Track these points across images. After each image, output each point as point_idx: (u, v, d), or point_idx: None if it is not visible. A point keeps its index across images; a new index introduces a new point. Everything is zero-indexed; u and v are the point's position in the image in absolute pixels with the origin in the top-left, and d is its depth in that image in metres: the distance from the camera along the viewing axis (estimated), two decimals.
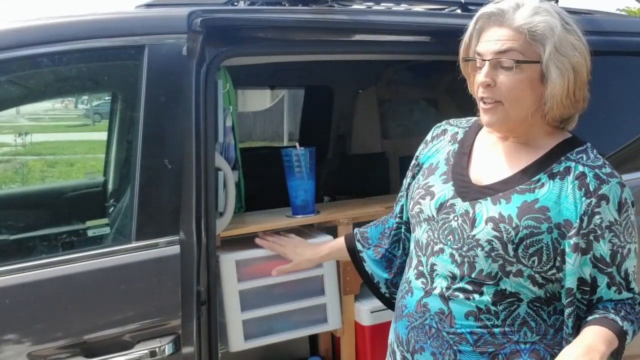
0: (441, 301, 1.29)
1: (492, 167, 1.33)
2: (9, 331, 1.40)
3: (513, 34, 1.22)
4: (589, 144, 1.32)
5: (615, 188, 1.23)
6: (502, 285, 1.24)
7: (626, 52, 2.15)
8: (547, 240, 1.21)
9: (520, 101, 1.24)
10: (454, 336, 1.27)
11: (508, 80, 1.22)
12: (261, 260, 1.76)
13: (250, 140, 5.94)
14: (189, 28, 1.59)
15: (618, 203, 1.22)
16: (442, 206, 1.32)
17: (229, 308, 1.72)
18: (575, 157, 1.27)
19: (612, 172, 1.26)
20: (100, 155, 2.76)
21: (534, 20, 1.21)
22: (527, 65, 1.22)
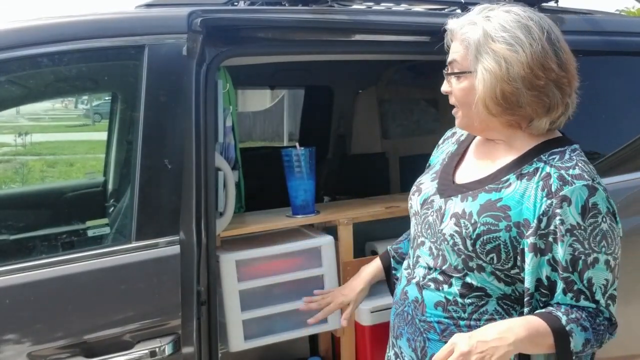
0: (417, 289, 1.35)
1: (474, 167, 1.38)
2: (9, 331, 1.40)
3: (457, 46, 1.30)
4: (575, 146, 1.29)
5: (580, 191, 1.19)
6: (469, 279, 1.27)
7: (626, 52, 2.15)
8: (504, 238, 1.22)
9: (470, 107, 1.29)
10: (424, 324, 1.33)
11: (455, 88, 1.32)
12: (261, 260, 1.76)
13: (250, 140, 5.95)
14: (189, 28, 1.59)
15: (582, 207, 1.18)
16: (425, 202, 1.39)
17: (229, 308, 1.71)
18: (547, 159, 1.26)
19: (582, 174, 1.21)
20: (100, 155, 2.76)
21: (465, 30, 1.28)
22: (466, 74, 1.28)
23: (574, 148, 1.29)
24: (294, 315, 1.79)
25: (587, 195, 1.19)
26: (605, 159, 1.98)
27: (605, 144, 2.05)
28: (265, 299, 1.76)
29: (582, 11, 2.36)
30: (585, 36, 2.08)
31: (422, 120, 3.37)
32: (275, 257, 1.76)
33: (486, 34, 1.24)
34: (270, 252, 1.77)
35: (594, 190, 1.20)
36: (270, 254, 1.76)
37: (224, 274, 1.70)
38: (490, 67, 1.23)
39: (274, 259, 1.75)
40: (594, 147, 2.05)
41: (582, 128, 2.06)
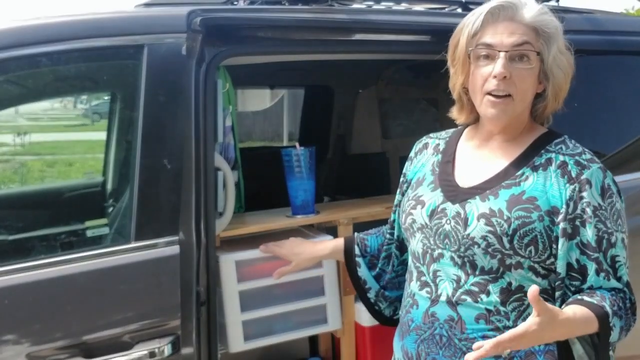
0: (449, 307, 1.27)
1: (477, 169, 1.35)
2: (8, 331, 1.40)
3: (525, 29, 1.26)
4: (566, 136, 1.35)
5: (597, 173, 1.25)
6: (507, 279, 1.25)
7: (627, 52, 2.15)
8: (540, 228, 1.23)
9: (527, 95, 1.29)
10: (466, 342, 1.25)
11: (523, 73, 1.26)
12: (261, 260, 1.75)
13: (250, 140, 5.94)
14: (188, 27, 1.58)
15: (601, 188, 1.24)
16: (434, 212, 1.33)
17: (228, 308, 1.71)
18: (555, 149, 1.30)
19: (592, 157, 1.28)
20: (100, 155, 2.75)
21: (544, 18, 1.27)
22: (538, 59, 1.27)
23: (568, 138, 1.35)
24: (294, 316, 1.78)
25: (602, 177, 1.25)
26: (607, 159, 1.97)
27: (606, 143, 2.04)
28: (265, 299, 1.76)
29: (583, 10, 2.36)
30: (586, 35, 2.07)
31: (423, 120, 3.36)
32: (275, 257, 1.75)
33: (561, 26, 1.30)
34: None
35: (605, 171, 1.27)
36: (270, 255, 1.76)
37: (224, 274, 1.70)
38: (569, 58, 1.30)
39: (274, 260, 1.74)
40: (595, 146, 2.04)
41: (583, 128, 2.07)
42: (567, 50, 1.30)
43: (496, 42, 1.26)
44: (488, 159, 1.35)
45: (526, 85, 1.27)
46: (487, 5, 1.29)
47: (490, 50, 1.26)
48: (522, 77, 1.25)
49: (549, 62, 1.27)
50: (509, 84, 1.25)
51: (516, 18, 1.26)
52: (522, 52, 1.25)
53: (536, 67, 1.27)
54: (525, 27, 1.26)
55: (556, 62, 1.27)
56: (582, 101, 2.03)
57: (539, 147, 1.31)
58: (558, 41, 1.27)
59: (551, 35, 1.26)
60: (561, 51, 1.29)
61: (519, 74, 1.25)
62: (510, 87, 1.25)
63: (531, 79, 1.27)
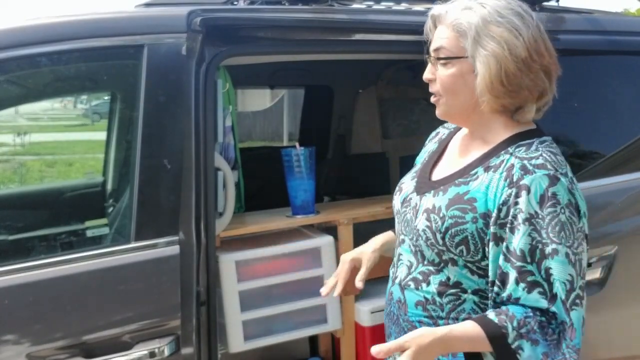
0: (399, 290, 1.37)
1: (448, 163, 1.40)
2: (8, 331, 1.40)
3: (445, 31, 1.29)
4: (544, 138, 1.29)
5: (540, 180, 1.18)
6: (446, 273, 1.28)
7: (627, 52, 2.15)
8: (471, 229, 1.23)
9: (457, 94, 1.29)
10: (407, 324, 1.34)
11: (442, 76, 1.30)
12: (261, 260, 1.75)
13: (250, 140, 5.94)
14: (188, 27, 1.58)
15: (541, 196, 1.17)
16: (405, 201, 1.40)
17: (228, 308, 1.71)
18: (513, 150, 1.27)
19: (545, 164, 1.20)
20: (100, 155, 2.75)
21: (459, 16, 1.27)
22: (457, 60, 1.27)
23: (542, 140, 1.29)
24: (294, 316, 1.79)
25: (547, 185, 1.18)
26: (606, 159, 1.98)
27: (606, 143, 2.04)
28: (265, 299, 1.76)
29: (583, 10, 2.36)
30: (585, 36, 2.08)
31: (423, 120, 3.36)
32: (275, 257, 1.75)
33: (484, 19, 1.25)
34: (270, 252, 1.77)
35: (555, 180, 1.18)
36: (270, 255, 1.76)
37: (224, 274, 1.70)
38: (493, 50, 1.24)
39: (274, 260, 1.74)
40: (595, 146, 2.05)
41: (583, 127, 2.07)
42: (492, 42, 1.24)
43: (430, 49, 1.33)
44: (460, 153, 1.39)
45: (450, 85, 1.29)
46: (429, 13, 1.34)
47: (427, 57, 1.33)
48: (441, 79, 1.30)
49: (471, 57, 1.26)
50: (435, 86, 1.32)
51: (444, 22, 1.29)
52: (437, 55, 1.29)
53: (457, 65, 1.27)
54: (445, 29, 1.29)
55: (477, 55, 1.24)
56: (581, 101, 2.04)
57: (501, 147, 1.29)
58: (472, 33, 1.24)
59: (466, 32, 1.25)
60: (480, 43, 1.24)
61: (438, 77, 1.31)
62: (435, 88, 1.33)
63: (453, 79, 1.28)
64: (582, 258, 1.19)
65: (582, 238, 1.20)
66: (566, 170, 1.23)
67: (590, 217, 1.89)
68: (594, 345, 1.90)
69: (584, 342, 1.89)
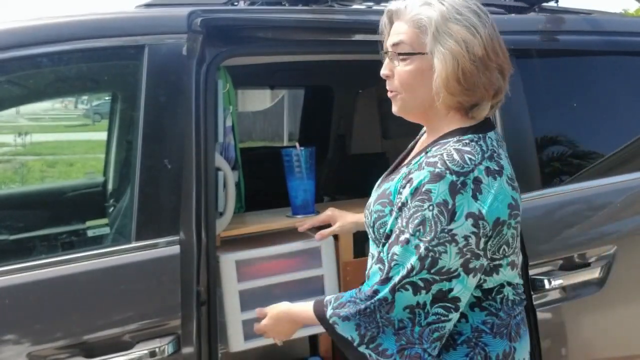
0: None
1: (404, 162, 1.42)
2: (8, 331, 1.40)
3: (404, 27, 1.28)
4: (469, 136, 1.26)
5: (423, 175, 1.20)
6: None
7: (625, 52, 2.15)
8: (391, 221, 1.26)
9: (415, 90, 1.28)
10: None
11: (400, 72, 1.29)
12: (261, 260, 1.76)
13: (250, 140, 5.94)
14: (189, 28, 1.59)
15: (415, 188, 1.20)
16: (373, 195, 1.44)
17: (229, 308, 1.71)
18: (429, 149, 1.29)
19: (437, 162, 1.20)
20: (100, 155, 2.75)
21: (419, 11, 1.26)
22: (417, 56, 1.26)
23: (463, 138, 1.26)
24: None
25: (424, 180, 1.19)
26: (606, 159, 1.98)
27: (605, 143, 2.04)
28: (266, 299, 1.76)
29: (581, 11, 2.36)
30: (585, 36, 2.08)
31: None
32: (275, 257, 1.75)
33: (443, 16, 1.24)
34: (270, 252, 1.77)
35: (437, 177, 1.19)
36: (270, 254, 1.76)
37: (224, 274, 1.70)
38: (451, 47, 1.23)
39: (274, 259, 1.75)
40: (594, 147, 2.05)
41: (583, 128, 2.07)
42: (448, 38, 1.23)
43: (386, 45, 1.32)
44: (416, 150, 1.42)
45: (407, 82, 1.28)
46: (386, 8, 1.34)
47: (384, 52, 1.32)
48: (399, 75, 1.28)
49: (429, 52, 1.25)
50: (391, 82, 1.31)
51: (403, 18, 1.29)
52: (396, 51, 1.28)
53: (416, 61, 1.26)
54: (404, 24, 1.28)
55: (434, 50, 1.24)
56: (581, 102, 2.04)
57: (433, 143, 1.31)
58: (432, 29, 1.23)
59: (426, 27, 1.24)
60: (438, 40, 1.23)
61: (397, 73, 1.29)
62: (392, 84, 1.31)
63: (410, 75, 1.27)
64: (437, 256, 1.18)
65: (447, 240, 1.18)
66: (468, 170, 1.19)
67: (590, 217, 1.91)
68: (594, 344, 1.91)
69: (583, 342, 1.89)
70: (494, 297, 1.32)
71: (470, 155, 1.22)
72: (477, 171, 1.20)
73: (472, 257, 1.20)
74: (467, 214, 1.18)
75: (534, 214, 1.79)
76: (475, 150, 1.23)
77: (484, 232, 1.19)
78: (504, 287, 1.33)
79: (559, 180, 1.92)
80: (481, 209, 1.18)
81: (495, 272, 1.29)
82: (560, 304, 1.78)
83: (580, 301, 1.82)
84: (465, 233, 1.18)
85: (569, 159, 2.00)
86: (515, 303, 1.36)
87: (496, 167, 1.23)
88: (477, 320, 1.30)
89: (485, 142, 1.27)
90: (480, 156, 1.22)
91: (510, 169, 1.28)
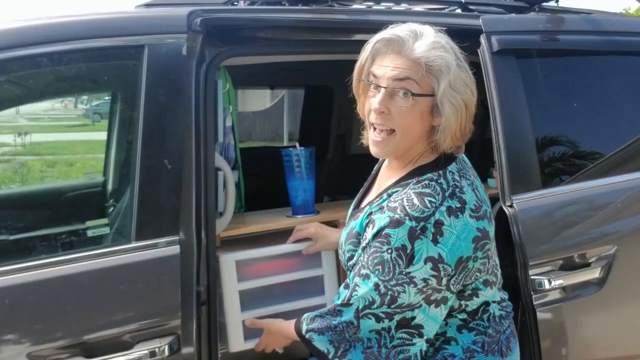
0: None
1: (371, 192, 1.45)
2: (8, 331, 1.40)
3: (411, 64, 1.22)
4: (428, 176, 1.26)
5: (384, 220, 1.23)
6: None
7: (626, 52, 2.15)
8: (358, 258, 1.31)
9: (412, 131, 1.25)
10: None
11: (403, 109, 1.23)
12: (261, 260, 1.75)
13: (250, 140, 5.94)
14: (188, 28, 1.59)
15: (377, 231, 1.23)
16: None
17: (229, 308, 1.71)
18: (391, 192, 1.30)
19: (396, 208, 1.22)
20: (100, 155, 2.75)
21: (431, 54, 1.21)
22: (422, 97, 1.22)
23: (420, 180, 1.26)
24: (294, 315, 1.78)
25: (385, 225, 1.22)
26: (606, 159, 1.98)
27: (605, 144, 2.04)
28: (266, 299, 1.76)
29: (582, 11, 2.36)
30: (585, 36, 2.08)
31: None
32: (275, 257, 1.75)
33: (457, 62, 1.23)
34: (270, 252, 1.77)
35: (396, 224, 1.20)
36: (270, 254, 1.76)
37: (224, 274, 1.70)
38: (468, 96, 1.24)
39: (274, 259, 1.75)
40: (594, 147, 2.05)
41: (583, 128, 2.07)
42: (463, 87, 1.23)
43: (380, 74, 1.25)
44: (379, 183, 1.42)
45: (408, 121, 1.23)
46: (376, 37, 1.27)
47: (376, 82, 1.25)
48: (402, 113, 1.23)
49: (439, 97, 1.21)
50: (388, 118, 1.24)
51: (403, 52, 1.22)
52: (404, 87, 1.22)
53: (421, 102, 1.22)
54: (411, 62, 1.21)
55: (447, 97, 1.21)
56: (581, 102, 2.04)
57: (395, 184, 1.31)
58: (449, 77, 1.20)
59: (440, 71, 1.20)
60: (454, 88, 1.21)
61: (398, 110, 1.23)
62: (391, 121, 1.25)
63: (414, 115, 1.23)
64: (396, 295, 1.21)
65: (405, 282, 1.20)
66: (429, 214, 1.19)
67: (590, 217, 1.91)
68: (593, 344, 1.91)
69: (583, 342, 1.89)
70: (480, 316, 1.32)
71: (431, 198, 1.21)
72: (439, 213, 1.19)
73: (434, 292, 1.22)
74: (426, 258, 1.18)
75: (534, 214, 1.79)
76: (435, 192, 1.22)
77: (445, 273, 1.20)
78: (489, 305, 1.34)
79: (559, 180, 1.92)
80: (441, 252, 1.18)
81: (475, 296, 1.30)
82: (560, 304, 1.78)
83: (580, 301, 1.82)
84: (424, 276, 1.20)
85: (569, 159, 2.00)
86: (503, 317, 1.36)
87: (458, 204, 1.21)
88: (466, 341, 1.31)
89: (446, 178, 1.25)
90: (441, 196, 1.22)
91: (474, 197, 1.25)
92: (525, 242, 1.72)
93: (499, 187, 1.80)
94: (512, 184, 1.77)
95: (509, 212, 1.74)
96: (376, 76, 1.25)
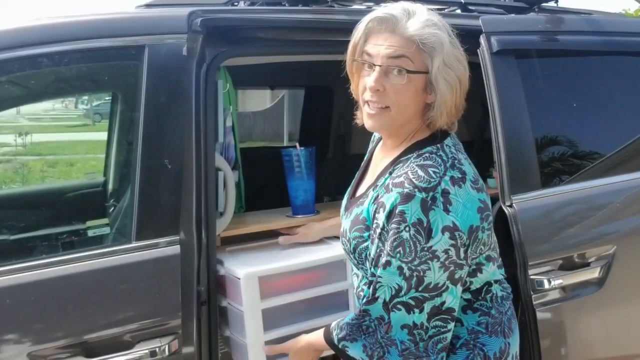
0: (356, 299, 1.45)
1: (367, 178, 1.43)
2: (9, 331, 1.40)
3: (405, 42, 1.23)
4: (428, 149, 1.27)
5: (393, 197, 1.21)
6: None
7: (626, 52, 2.15)
8: (374, 246, 1.27)
9: (407, 108, 1.26)
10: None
11: (398, 87, 1.24)
12: (284, 275, 1.63)
13: (250, 140, 5.94)
14: (189, 28, 1.59)
15: (390, 211, 1.21)
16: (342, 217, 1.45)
17: (250, 329, 1.58)
18: (393, 169, 1.29)
19: (403, 182, 1.21)
20: (101, 155, 2.75)
21: (425, 32, 1.22)
22: (416, 74, 1.23)
23: (421, 153, 1.27)
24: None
25: (396, 202, 1.21)
26: (605, 159, 1.98)
27: (605, 143, 2.05)
28: (288, 316, 1.64)
29: (582, 11, 2.36)
30: (585, 36, 2.08)
31: None
32: (298, 271, 1.65)
33: (449, 39, 1.24)
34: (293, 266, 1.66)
35: (407, 198, 1.20)
36: (294, 269, 1.65)
37: (246, 292, 1.57)
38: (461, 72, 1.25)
39: (298, 274, 1.64)
40: (594, 147, 2.06)
41: (583, 128, 2.07)
42: (457, 63, 1.25)
43: (374, 53, 1.25)
44: (374, 167, 1.41)
45: (404, 98, 1.24)
46: (369, 16, 1.27)
47: (370, 60, 1.26)
48: (397, 91, 1.24)
49: (434, 74, 1.23)
50: (383, 95, 1.25)
51: (397, 30, 1.23)
52: (398, 65, 1.23)
53: (416, 80, 1.23)
54: (405, 40, 1.22)
55: (442, 74, 1.23)
56: (581, 102, 2.04)
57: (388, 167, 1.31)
58: (443, 54, 1.22)
59: (434, 48, 1.22)
60: (448, 64, 1.23)
61: (393, 87, 1.24)
62: (386, 99, 1.25)
63: (408, 92, 1.24)
64: (422, 275, 1.20)
65: (428, 258, 1.19)
66: (435, 183, 1.20)
67: (590, 216, 1.91)
68: (593, 344, 1.91)
69: (582, 342, 1.90)
70: (484, 296, 1.33)
71: (434, 169, 1.22)
72: (444, 183, 1.21)
73: (456, 267, 1.22)
74: (443, 228, 1.19)
75: (534, 214, 1.79)
76: (437, 163, 1.24)
77: (462, 242, 1.21)
78: (492, 285, 1.35)
79: (558, 180, 1.93)
80: (455, 220, 1.19)
81: (479, 272, 1.31)
82: (560, 303, 1.78)
83: (579, 301, 1.82)
84: (445, 247, 1.19)
85: (568, 159, 2.00)
86: (504, 298, 1.38)
87: (459, 174, 1.23)
88: (471, 322, 1.31)
89: (444, 151, 1.27)
90: (443, 167, 1.23)
91: (472, 170, 1.29)
92: (525, 242, 1.72)
93: (499, 187, 1.80)
94: (511, 184, 1.77)
95: (509, 212, 1.75)
96: (370, 55, 1.26)
